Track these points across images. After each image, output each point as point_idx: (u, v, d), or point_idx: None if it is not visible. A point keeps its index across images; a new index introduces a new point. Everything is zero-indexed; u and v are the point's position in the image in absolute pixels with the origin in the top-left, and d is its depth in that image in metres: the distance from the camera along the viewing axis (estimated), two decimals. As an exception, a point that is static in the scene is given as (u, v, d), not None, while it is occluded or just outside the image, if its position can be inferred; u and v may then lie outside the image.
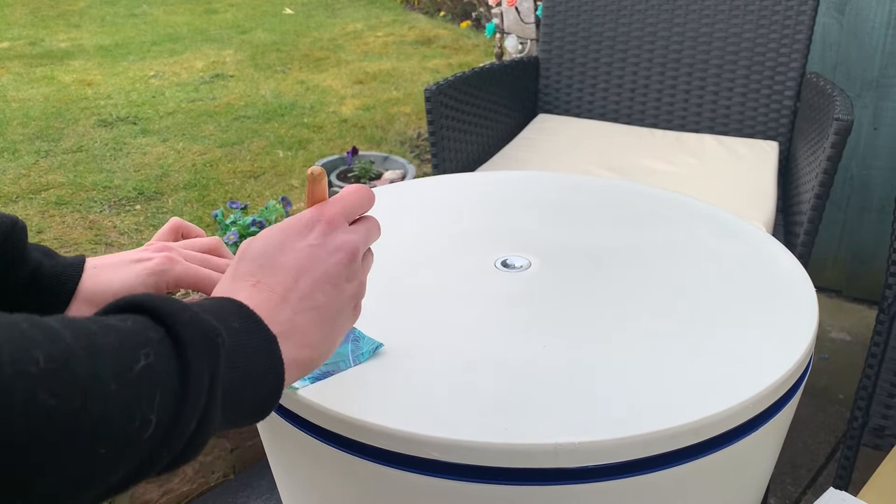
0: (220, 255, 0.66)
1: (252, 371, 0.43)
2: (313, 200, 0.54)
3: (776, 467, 0.81)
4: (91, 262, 0.61)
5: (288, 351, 0.46)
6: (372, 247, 0.57)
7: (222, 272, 0.62)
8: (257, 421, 0.46)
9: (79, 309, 0.58)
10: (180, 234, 0.68)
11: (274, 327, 0.46)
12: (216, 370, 0.39)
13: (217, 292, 0.49)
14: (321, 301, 0.50)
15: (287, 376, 0.46)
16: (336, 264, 0.51)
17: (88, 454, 0.33)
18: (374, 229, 0.56)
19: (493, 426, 0.59)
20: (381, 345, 0.69)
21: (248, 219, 2.04)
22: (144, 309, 0.39)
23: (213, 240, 0.66)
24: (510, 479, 0.58)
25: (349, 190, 0.55)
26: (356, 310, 0.55)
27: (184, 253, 0.62)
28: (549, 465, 0.57)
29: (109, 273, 0.60)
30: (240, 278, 0.49)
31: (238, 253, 0.51)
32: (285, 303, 0.48)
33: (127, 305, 0.40)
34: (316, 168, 0.53)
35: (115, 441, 0.34)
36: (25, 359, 0.31)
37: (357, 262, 0.53)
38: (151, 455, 0.36)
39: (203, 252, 0.64)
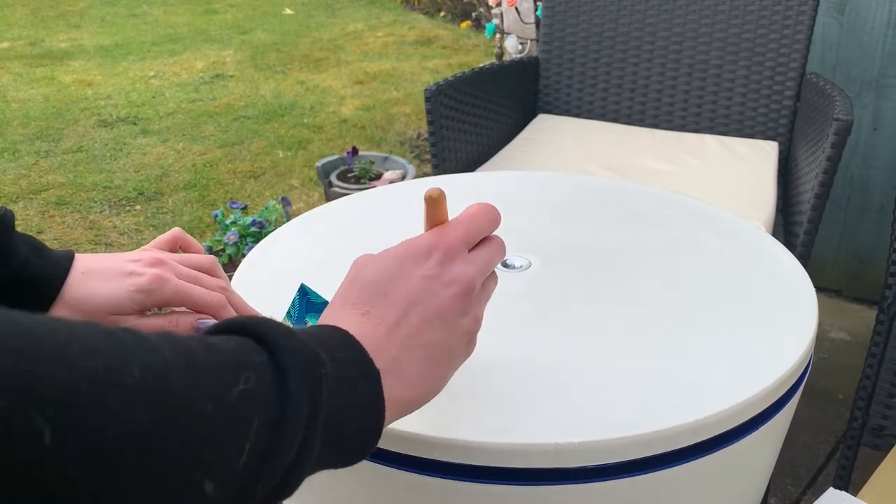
0: (214, 276, 0.64)
1: (352, 407, 0.41)
2: (432, 223, 0.51)
3: (776, 467, 0.81)
4: (80, 265, 0.58)
5: (390, 388, 0.43)
6: (372, 246, 0.55)
7: (214, 292, 0.61)
8: (353, 462, 0.43)
9: (60, 312, 0.57)
10: (178, 247, 0.67)
11: (378, 362, 0.43)
12: (318, 402, 0.37)
13: (325, 318, 0.47)
14: (431, 338, 0.47)
15: (387, 415, 0.43)
16: (450, 298, 0.48)
17: (179, 475, 0.32)
18: (498, 253, 0.53)
19: (493, 426, 0.59)
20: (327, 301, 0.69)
21: (248, 219, 2.04)
22: (249, 332, 0.38)
23: (209, 259, 0.64)
24: (510, 479, 0.58)
25: (472, 211, 0.52)
26: (470, 344, 0.52)
27: (177, 269, 0.60)
28: (549, 465, 0.57)
29: (97, 283, 0.58)
30: (350, 306, 0.47)
31: (350, 275, 0.49)
32: (393, 337, 0.45)
33: (232, 327, 0.39)
34: (434, 189, 0.50)
35: (207, 464, 0.33)
36: (122, 369, 0.30)
37: (473, 296, 0.50)
38: (244, 486, 0.35)
39: (197, 271, 0.63)
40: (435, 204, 0.51)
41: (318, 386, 0.38)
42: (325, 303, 0.74)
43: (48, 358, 0.28)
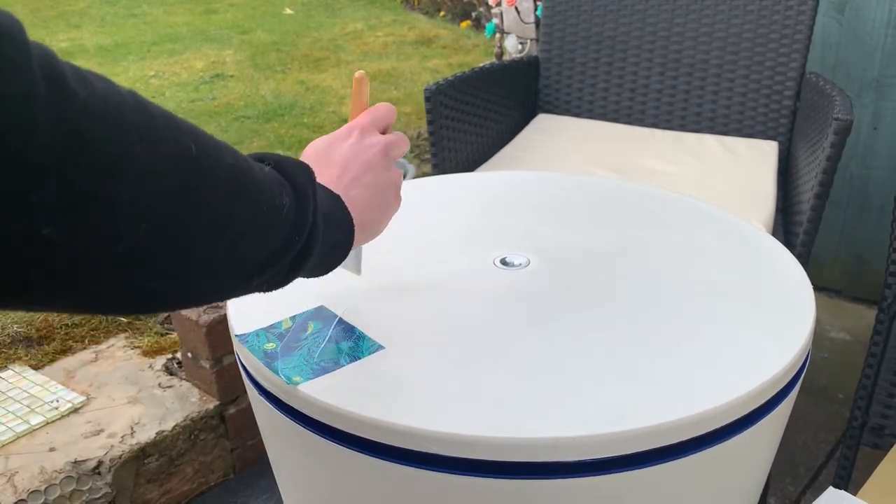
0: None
1: (332, 214, 0.56)
2: (357, 102, 0.69)
3: (776, 466, 0.81)
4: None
5: (351, 212, 0.59)
6: (372, 247, 0.67)
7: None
8: (329, 269, 0.59)
9: None
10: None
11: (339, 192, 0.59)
12: (314, 189, 0.52)
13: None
14: (368, 181, 0.63)
15: (355, 232, 0.59)
16: (374, 154, 0.65)
17: (257, 206, 0.46)
18: (400, 140, 0.68)
19: (493, 420, 0.59)
20: (381, 347, 0.70)
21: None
22: (254, 158, 0.52)
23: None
24: (510, 473, 0.58)
25: (377, 106, 0.69)
26: (398, 198, 0.68)
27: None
28: (549, 459, 0.58)
29: None
30: None
31: (301, 156, 0.65)
32: (340, 182, 0.61)
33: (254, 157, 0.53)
34: (360, 72, 0.69)
35: (269, 206, 0.47)
36: (181, 141, 0.42)
37: (389, 156, 0.66)
38: (289, 235, 0.49)
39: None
40: (361, 83, 0.69)
41: (312, 181, 0.53)
42: (336, 316, 0.74)
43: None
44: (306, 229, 0.50)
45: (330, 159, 0.64)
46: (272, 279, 0.51)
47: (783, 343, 0.69)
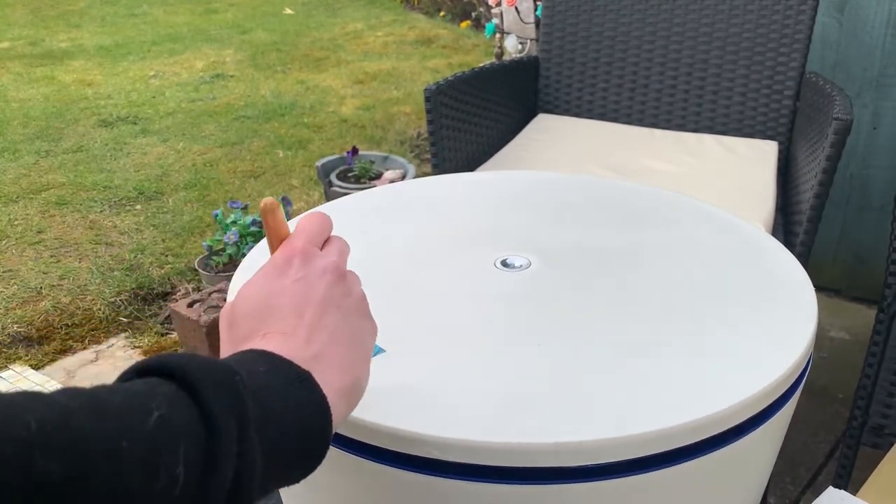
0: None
1: (290, 411, 0.41)
2: (274, 233, 0.53)
3: (776, 466, 0.81)
4: None
5: (327, 383, 0.44)
6: (371, 246, 0.56)
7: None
8: (312, 468, 0.43)
9: None
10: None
11: (302, 365, 0.44)
12: (243, 411, 0.37)
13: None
14: (333, 325, 0.49)
15: (335, 409, 0.44)
16: (329, 285, 0.50)
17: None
18: (345, 247, 0.56)
19: (493, 425, 0.59)
20: (382, 350, 0.70)
21: (249, 218, 2.05)
22: (152, 370, 0.38)
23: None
24: (510, 479, 0.58)
25: (306, 220, 0.54)
26: (369, 320, 0.54)
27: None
28: (550, 464, 0.57)
29: None
30: (242, 340, 0.47)
31: (224, 322, 0.49)
32: (301, 339, 0.46)
33: (136, 371, 0.38)
34: (268, 199, 0.53)
35: (144, 499, 0.32)
36: (15, 424, 0.29)
37: (346, 279, 0.53)
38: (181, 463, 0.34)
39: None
40: (272, 213, 0.53)
41: (236, 395, 0.37)
42: None
43: None
44: (223, 490, 0.35)
45: (276, 308, 0.48)
46: None
47: (785, 345, 0.68)
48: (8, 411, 0.30)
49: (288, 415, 0.41)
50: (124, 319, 2.08)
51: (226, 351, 0.48)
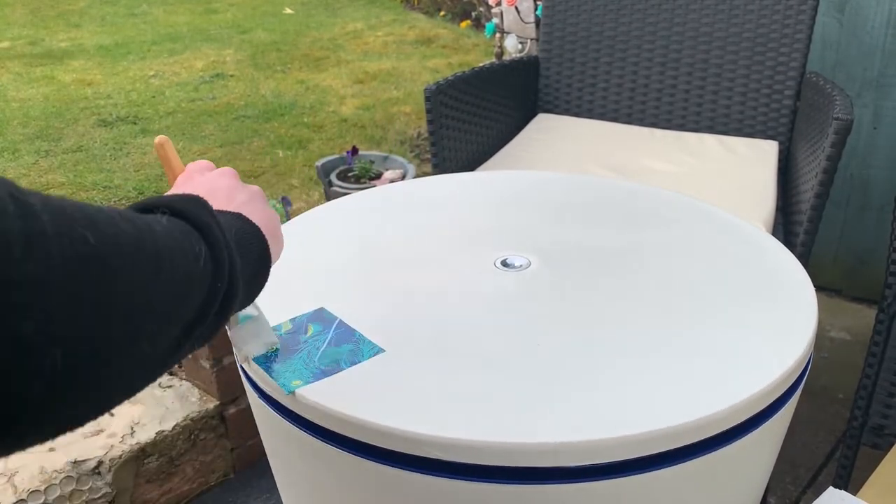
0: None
1: (240, 227, 0.53)
2: (171, 167, 0.65)
3: (776, 466, 0.81)
4: None
5: (251, 216, 0.56)
6: (371, 245, 0.59)
7: None
8: (265, 270, 0.56)
9: None
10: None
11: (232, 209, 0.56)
12: (216, 218, 0.48)
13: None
14: (245, 197, 0.59)
15: (269, 242, 0.56)
16: (231, 178, 0.61)
17: (172, 277, 0.41)
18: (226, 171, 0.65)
19: (493, 425, 0.59)
20: (381, 350, 0.69)
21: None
22: (142, 208, 0.47)
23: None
24: (511, 479, 0.58)
25: (193, 163, 0.64)
26: (269, 207, 0.62)
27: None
28: (550, 465, 0.57)
29: None
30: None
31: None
32: (220, 206, 0.55)
33: (149, 206, 0.48)
34: (161, 137, 0.65)
35: (184, 269, 0.42)
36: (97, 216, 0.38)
37: (237, 177, 0.63)
38: (211, 286, 0.44)
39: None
40: (164, 147, 0.66)
41: (210, 211, 0.48)
42: (336, 318, 0.74)
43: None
44: (226, 269, 0.46)
45: (191, 188, 0.57)
46: (200, 336, 0.45)
47: (786, 346, 0.68)
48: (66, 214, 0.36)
49: (240, 237, 0.52)
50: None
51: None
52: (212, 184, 0.59)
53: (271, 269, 0.58)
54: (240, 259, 0.49)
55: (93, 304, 0.34)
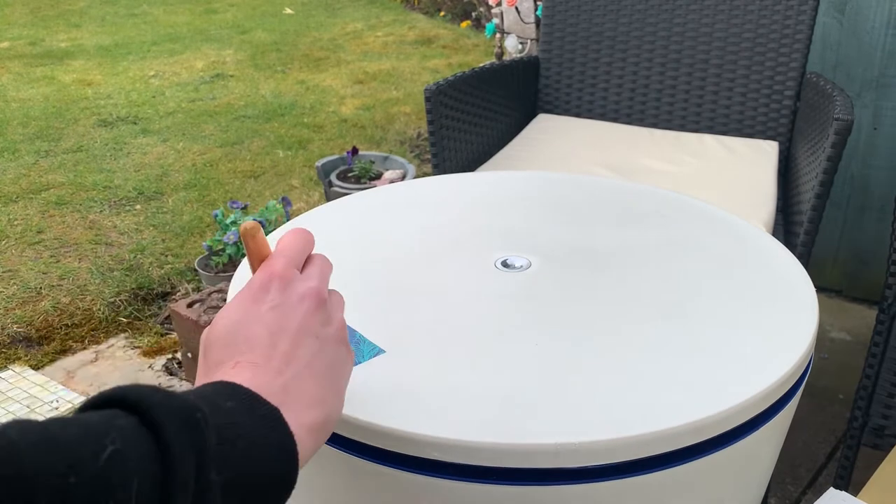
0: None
1: (256, 449, 0.40)
2: (255, 255, 0.52)
3: (776, 467, 0.81)
4: None
5: (294, 419, 0.43)
6: (371, 246, 0.55)
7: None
8: (284, 492, 0.42)
9: None
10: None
11: (271, 399, 0.42)
12: (203, 448, 0.36)
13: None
14: (308, 356, 0.47)
15: (301, 446, 0.43)
16: (306, 314, 0.48)
17: None
18: (327, 266, 0.53)
19: (494, 426, 0.59)
20: (382, 350, 0.69)
21: (248, 219, 2.04)
22: (114, 401, 0.36)
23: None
24: (511, 480, 0.58)
25: (287, 238, 0.52)
26: (347, 350, 0.53)
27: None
28: (550, 465, 0.57)
29: None
30: (215, 367, 0.46)
31: (201, 347, 0.48)
32: (272, 370, 0.45)
33: (99, 401, 0.37)
34: (249, 223, 0.51)
35: None
36: None
37: (326, 305, 0.50)
38: None
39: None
40: (252, 236, 0.51)
41: (197, 431, 0.36)
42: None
43: None
44: None
45: (249, 336, 0.46)
46: None
47: (786, 346, 0.68)
48: None
49: (254, 453, 0.39)
50: (124, 320, 2.07)
51: (200, 377, 0.47)
52: (284, 316, 0.47)
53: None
54: (226, 495, 0.37)
55: None
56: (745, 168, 1.59)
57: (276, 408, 0.42)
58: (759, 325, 0.72)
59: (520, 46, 2.62)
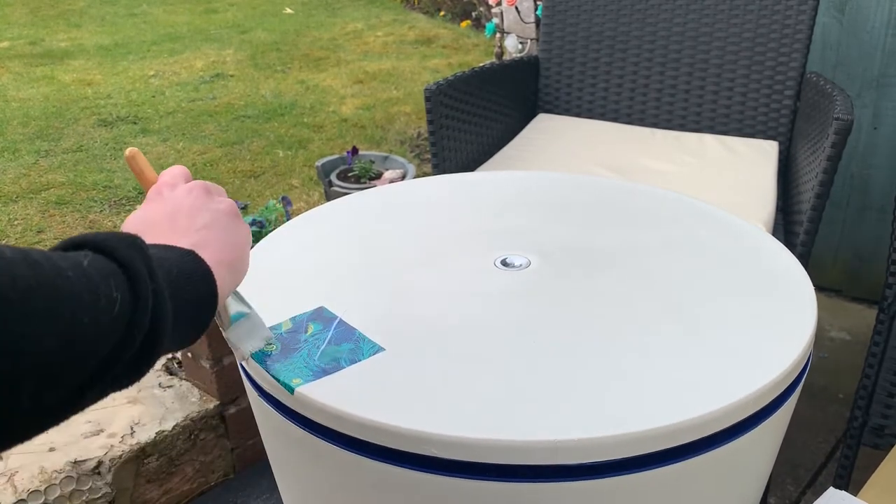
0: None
1: (184, 276, 0.50)
2: (142, 177, 0.63)
3: (776, 467, 0.81)
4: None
5: (209, 256, 0.53)
6: (371, 246, 0.58)
7: None
8: (204, 327, 0.52)
9: None
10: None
11: (185, 244, 0.53)
12: (147, 258, 0.45)
13: None
14: (206, 222, 0.57)
15: (219, 277, 0.52)
16: (196, 199, 0.58)
17: (72, 325, 0.39)
18: (207, 182, 0.63)
19: (493, 423, 0.59)
20: (381, 348, 0.69)
21: (249, 218, 2.04)
22: (70, 247, 0.45)
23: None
24: (510, 476, 0.58)
25: (167, 170, 0.63)
26: (239, 220, 0.61)
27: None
28: (549, 462, 0.57)
29: None
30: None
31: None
32: (178, 235, 0.54)
33: (58, 248, 0.46)
34: (130, 149, 0.63)
35: (91, 313, 0.40)
36: None
37: (211, 193, 0.60)
38: (126, 332, 0.42)
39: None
40: (133, 157, 0.64)
41: (143, 250, 0.46)
42: (336, 317, 0.74)
43: None
44: (147, 314, 0.43)
45: (152, 219, 0.57)
46: (118, 378, 0.44)
47: (785, 344, 0.68)
48: None
49: (181, 278, 0.49)
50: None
51: None
52: (176, 203, 0.58)
53: (243, 280, 0.58)
54: (172, 302, 0.46)
55: None
56: (745, 168, 1.59)
57: (192, 249, 0.52)
58: (759, 325, 0.72)
59: (520, 46, 2.62)
